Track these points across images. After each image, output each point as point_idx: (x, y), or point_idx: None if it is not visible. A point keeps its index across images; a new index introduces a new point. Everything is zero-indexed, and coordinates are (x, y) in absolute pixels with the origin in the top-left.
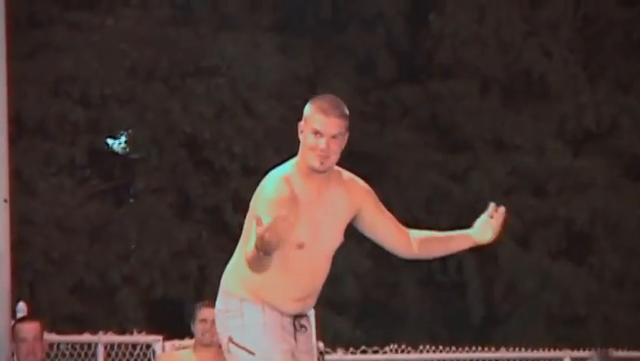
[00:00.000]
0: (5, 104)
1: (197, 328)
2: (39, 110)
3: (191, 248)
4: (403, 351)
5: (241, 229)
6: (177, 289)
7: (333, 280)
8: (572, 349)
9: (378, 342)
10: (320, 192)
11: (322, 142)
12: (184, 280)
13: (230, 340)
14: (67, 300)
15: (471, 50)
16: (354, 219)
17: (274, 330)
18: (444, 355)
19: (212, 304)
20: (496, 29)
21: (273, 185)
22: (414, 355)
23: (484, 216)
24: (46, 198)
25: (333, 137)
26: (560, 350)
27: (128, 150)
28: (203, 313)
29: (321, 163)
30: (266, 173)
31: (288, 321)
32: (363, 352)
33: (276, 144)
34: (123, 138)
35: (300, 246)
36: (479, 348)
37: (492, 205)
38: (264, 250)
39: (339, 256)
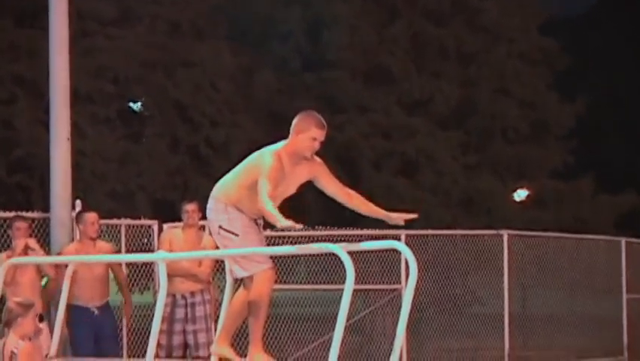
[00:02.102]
0: (68, 82)
1: (184, 215)
2: (88, 84)
3: (179, 170)
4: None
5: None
6: (170, 193)
7: None
8: None
9: None
10: (295, 166)
11: (316, 144)
12: (173, 189)
13: (220, 227)
14: (105, 200)
15: None
16: (312, 181)
17: (248, 222)
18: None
19: (192, 201)
20: None
21: (272, 155)
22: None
23: (402, 215)
24: (92, 138)
25: (322, 141)
26: None
27: (142, 110)
28: (187, 206)
29: (311, 156)
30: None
31: (252, 220)
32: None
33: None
34: (139, 103)
35: (275, 192)
36: None
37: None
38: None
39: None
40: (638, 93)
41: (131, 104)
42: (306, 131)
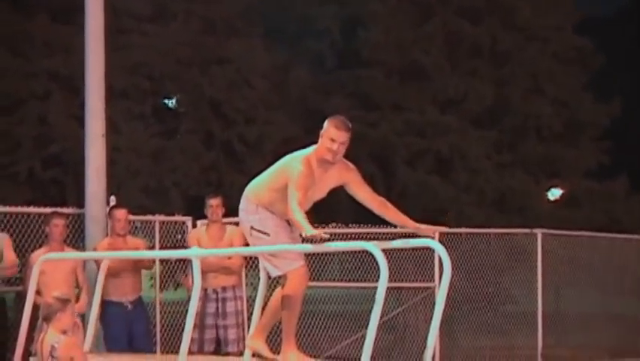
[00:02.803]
0: (103, 78)
1: (207, 210)
2: (124, 81)
3: (213, 167)
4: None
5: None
6: (204, 190)
7: None
8: None
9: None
10: (324, 173)
11: (335, 146)
12: (207, 185)
13: (252, 228)
14: (139, 196)
15: None
16: (344, 186)
17: (280, 222)
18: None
19: (216, 195)
20: None
21: (301, 161)
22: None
23: (432, 227)
24: (127, 134)
25: (342, 143)
26: None
27: (176, 106)
28: (211, 201)
29: (333, 158)
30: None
31: (284, 220)
32: None
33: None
34: (174, 100)
35: (303, 202)
36: None
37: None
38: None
39: None
40: None
41: (166, 100)
42: (326, 134)
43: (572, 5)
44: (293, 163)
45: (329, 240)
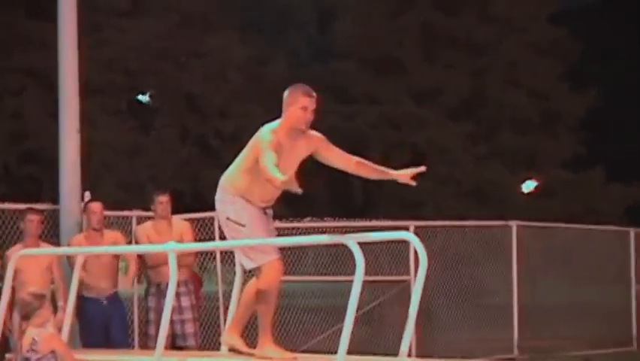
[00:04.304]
0: (77, 74)
1: (156, 207)
2: (100, 76)
3: (189, 162)
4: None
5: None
6: (180, 184)
7: None
8: None
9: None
10: (293, 141)
11: (308, 114)
12: (184, 179)
13: (228, 218)
14: (115, 191)
15: None
16: (315, 156)
17: (256, 213)
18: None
19: (165, 192)
20: None
21: (268, 135)
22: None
23: (409, 171)
24: (102, 130)
25: (313, 110)
26: None
27: (150, 101)
28: (160, 198)
29: (306, 125)
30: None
31: (260, 210)
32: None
33: None
34: (147, 95)
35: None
36: None
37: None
38: (279, 185)
39: None
40: None
41: (140, 96)
42: (295, 103)
43: None
44: (260, 136)
45: (301, 194)
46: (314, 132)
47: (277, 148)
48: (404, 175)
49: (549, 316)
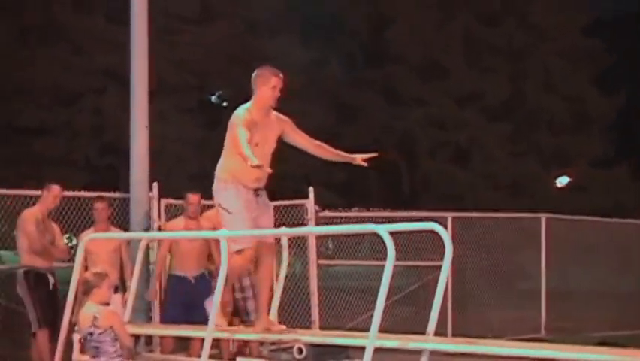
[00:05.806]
0: (147, 74)
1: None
2: (173, 76)
3: None
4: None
5: None
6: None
7: None
8: None
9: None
10: (265, 118)
11: (277, 92)
12: None
13: (220, 205)
14: (184, 182)
15: None
16: (283, 137)
17: (244, 199)
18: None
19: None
20: None
21: (242, 114)
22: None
23: (363, 155)
24: (174, 124)
25: (281, 88)
26: None
27: (219, 101)
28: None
29: (275, 102)
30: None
31: (251, 193)
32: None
33: None
34: (217, 95)
35: (256, 144)
36: None
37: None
38: (252, 166)
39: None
40: None
41: (211, 96)
42: (267, 83)
43: (581, 6)
44: (235, 115)
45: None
46: (283, 116)
47: (252, 124)
48: (357, 158)
49: (574, 300)
